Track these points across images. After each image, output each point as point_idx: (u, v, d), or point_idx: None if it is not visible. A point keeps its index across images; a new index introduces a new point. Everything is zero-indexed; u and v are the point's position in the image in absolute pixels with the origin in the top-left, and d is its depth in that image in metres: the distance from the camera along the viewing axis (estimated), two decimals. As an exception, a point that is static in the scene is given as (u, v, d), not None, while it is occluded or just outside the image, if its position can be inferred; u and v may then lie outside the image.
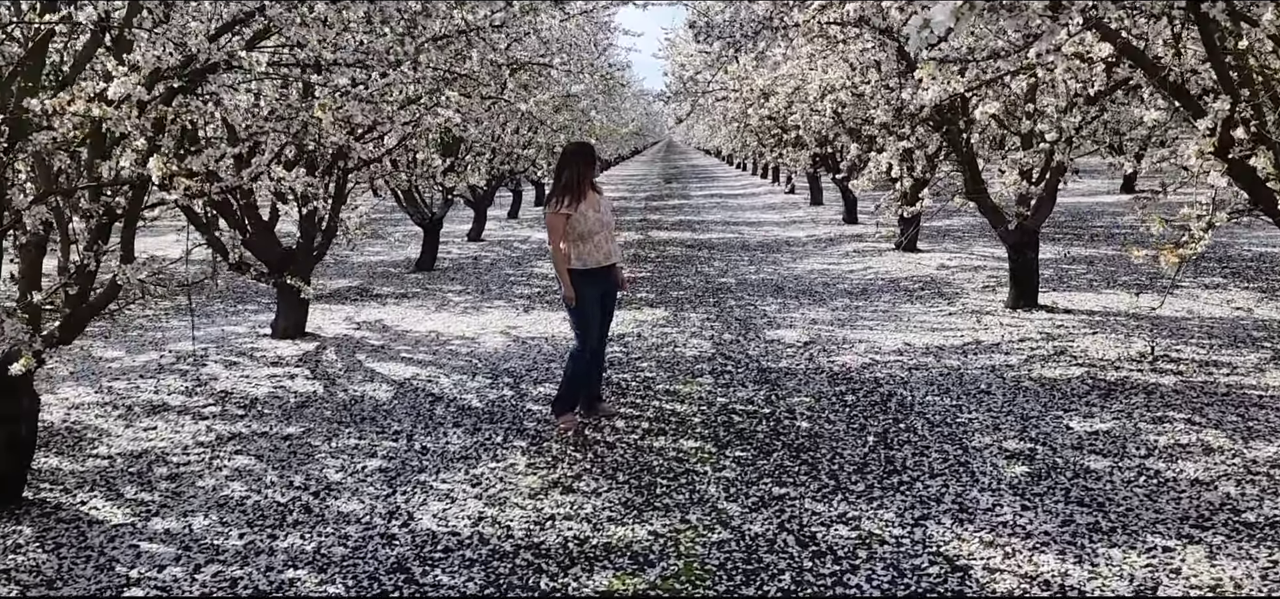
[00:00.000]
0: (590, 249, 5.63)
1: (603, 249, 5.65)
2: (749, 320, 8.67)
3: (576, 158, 5.68)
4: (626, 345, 7.80)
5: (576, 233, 5.61)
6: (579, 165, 5.64)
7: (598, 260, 5.65)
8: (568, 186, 5.66)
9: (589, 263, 5.64)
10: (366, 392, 6.61)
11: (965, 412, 5.71)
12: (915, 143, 7.49)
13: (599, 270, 5.66)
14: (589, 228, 5.60)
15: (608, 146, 32.64)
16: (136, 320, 9.57)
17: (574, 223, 5.60)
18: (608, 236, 5.68)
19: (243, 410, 6.22)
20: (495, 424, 5.80)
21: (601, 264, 5.66)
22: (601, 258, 5.66)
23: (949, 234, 14.37)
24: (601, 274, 5.68)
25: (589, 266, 5.64)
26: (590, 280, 5.65)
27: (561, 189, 5.69)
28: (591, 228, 5.61)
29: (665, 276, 11.59)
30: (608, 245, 5.68)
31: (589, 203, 5.64)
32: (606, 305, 5.81)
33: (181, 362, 7.69)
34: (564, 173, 5.69)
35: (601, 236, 5.65)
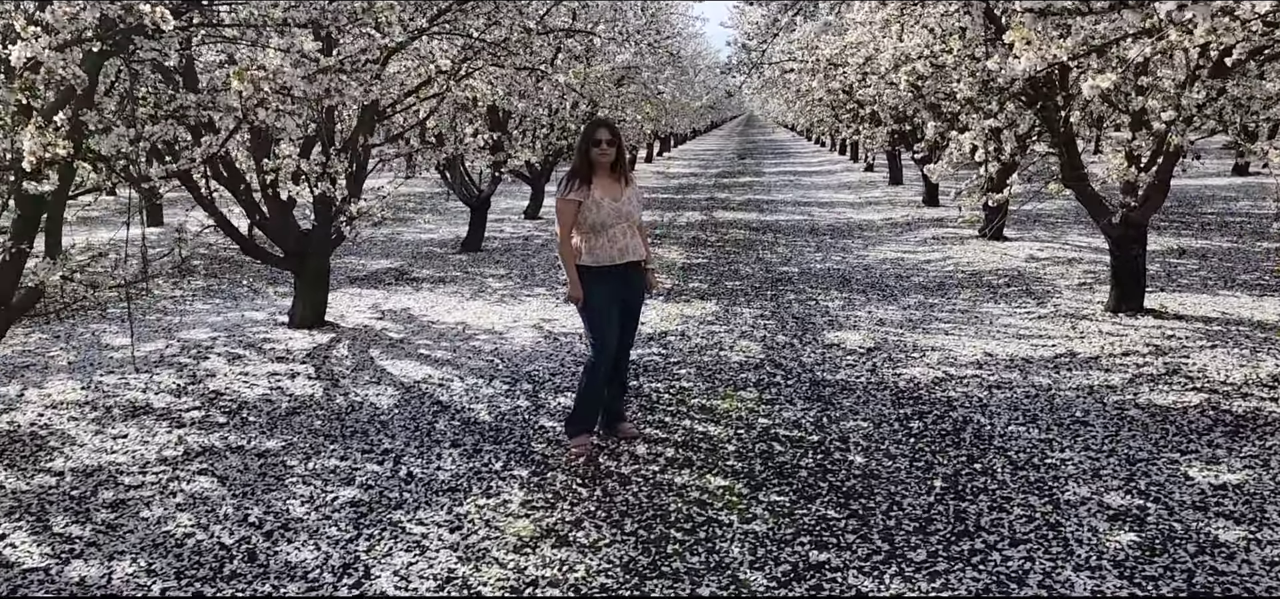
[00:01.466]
0: (603, 244, 4.81)
1: (619, 244, 4.82)
2: (808, 319, 7.75)
3: (587, 137, 4.84)
4: (667, 346, 6.96)
5: (587, 224, 4.80)
6: (589, 146, 4.81)
7: (611, 257, 4.83)
8: (578, 170, 4.85)
9: (601, 259, 4.82)
10: (368, 397, 5.90)
11: (1057, 449, 4.73)
12: (1005, 121, 6.44)
13: (613, 269, 4.83)
14: (602, 219, 4.77)
15: (679, 120, 31.72)
16: (161, 301, 9.06)
17: (585, 212, 4.79)
18: (627, 231, 4.84)
19: (227, 417, 5.55)
20: (499, 445, 5.02)
21: (616, 262, 4.83)
22: (615, 254, 4.83)
23: (1040, 219, 13.15)
24: (617, 274, 4.85)
25: (601, 264, 4.82)
26: (601, 279, 4.84)
27: (573, 172, 4.89)
28: (605, 219, 4.78)
29: (722, 264, 10.68)
30: (626, 240, 4.84)
31: (605, 189, 4.81)
32: (628, 311, 4.97)
33: (186, 352, 7.10)
34: (579, 154, 4.89)
35: (619, 230, 4.82)
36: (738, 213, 16.05)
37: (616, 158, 4.85)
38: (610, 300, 4.85)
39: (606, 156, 4.81)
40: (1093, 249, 10.71)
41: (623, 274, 4.86)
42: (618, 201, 4.81)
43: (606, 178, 4.84)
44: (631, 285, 4.92)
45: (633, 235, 4.87)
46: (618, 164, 4.86)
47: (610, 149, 4.81)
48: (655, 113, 22.15)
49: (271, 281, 9.92)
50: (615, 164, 4.85)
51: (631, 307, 4.98)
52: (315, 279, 7.81)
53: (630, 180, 4.93)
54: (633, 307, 4.99)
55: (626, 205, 4.83)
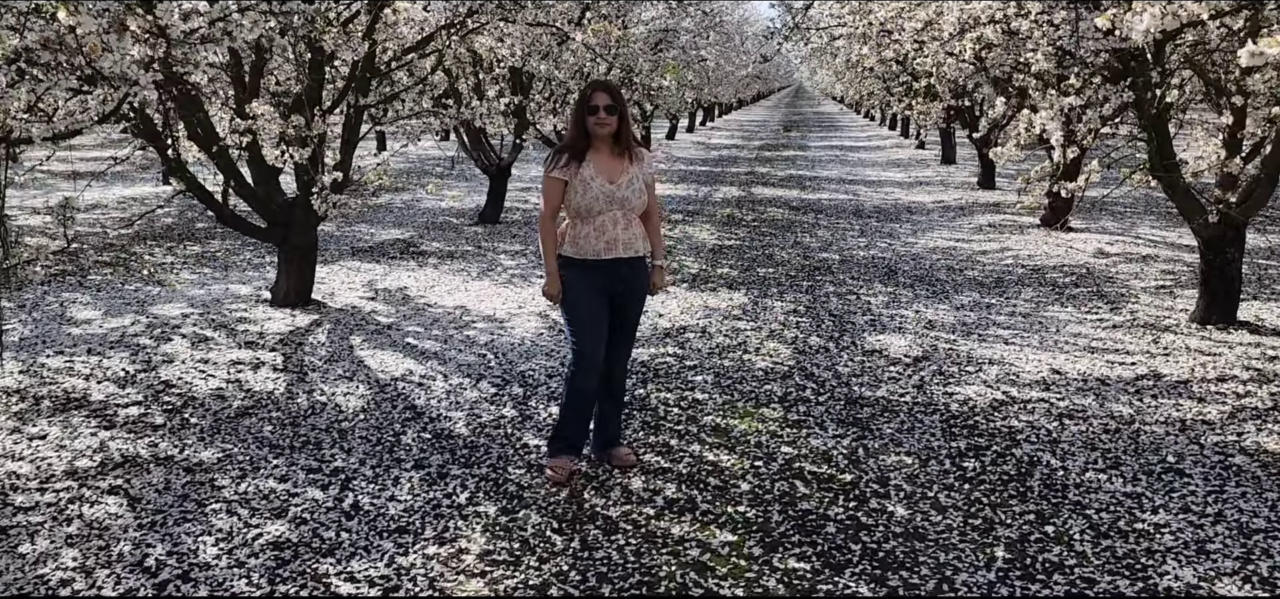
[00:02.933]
0: (588, 233, 4.00)
1: (608, 235, 3.99)
2: (847, 317, 6.85)
3: (582, 102, 4.01)
4: (684, 345, 6.11)
5: (573, 207, 4.00)
6: (584, 113, 3.97)
7: (595, 250, 4.01)
8: (571, 142, 4.02)
9: (584, 250, 4.02)
10: (335, 397, 5.13)
11: (1148, 507, 3.83)
12: (1086, 99, 5.48)
13: (599, 264, 4.02)
14: (589, 202, 3.96)
15: (723, 89, 30.66)
16: (147, 270, 8.38)
17: (572, 193, 3.98)
18: (621, 220, 4.01)
19: (167, 416, 4.81)
20: (469, 469, 4.22)
21: (601, 256, 4.01)
22: (602, 247, 4.01)
23: (1106, 207, 12.07)
24: (604, 270, 4.03)
25: (584, 256, 4.02)
26: (583, 275, 4.03)
27: (564, 144, 4.07)
28: (593, 203, 3.96)
29: (757, 247, 9.78)
30: (617, 231, 4.00)
31: (601, 167, 3.98)
32: (621, 314, 4.14)
33: (152, 330, 6.38)
34: (573, 122, 4.07)
35: (608, 218, 3.99)
36: (778, 189, 15.09)
37: (619, 129, 4.00)
38: (593, 300, 4.04)
39: (605, 127, 3.96)
40: (1169, 245, 9.67)
41: (610, 270, 4.03)
42: (613, 184, 3.97)
43: (606, 154, 4.01)
44: (625, 284, 4.08)
45: (629, 226, 4.02)
46: (621, 137, 4.01)
47: (610, 118, 3.95)
48: (696, 80, 21.19)
49: (270, 252, 9.20)
50: (618, 137, 4.00)
51: (625, 311, 4.15)
52: (300, 254, 7.05)
53: (638, 158, 4.08)
54: (627, 311, 4.15)
55: (624, 189, 3.98)
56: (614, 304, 4.09)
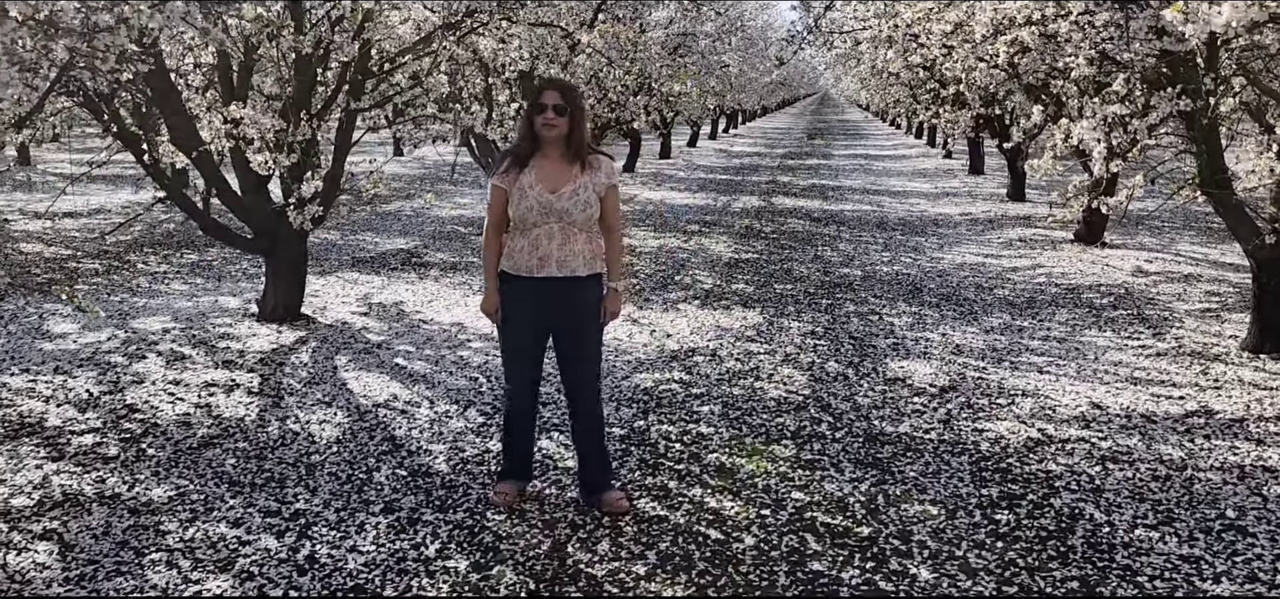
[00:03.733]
0: (522, 246, 3.64)
1: (541, 251, 3.62)
2: (868, 340, 6.39)
3: (530, 102, 3.65)
4: (691, 369, 5.68)
5: (511, 217, 3.63)
6: (531, 114, 3.60)
7: (528, 265, 3.64)
8: (516, 146, 3.69)
9: (517, 265, 3.66)
10: (309, 425, 4.73)
11: (1208, 573, 3.36)
12: (1130, 109, 4.99)
13: (532, 282, 3.64)
14: (523, 213, 3.60)
15: (746, 96, 30.17)
16: (137, 279, 8.05)
17: (512, 202, 3.60)
18: (557, 235, 3.62)
19: (123, 446, 4.43)
20: (443, 512, 3.80)
21: (533, 273, 3.63)
22: (534, 263, 3.63)
23: (1142, 220, 11.53)
24: (536, 288, 3.64)
25: (517, 271, 3.65)
26: (516, 291, 3.66)
27: (511, 148, 3.74)
28: (528, 215, 3.59)
29: (774, 262, 9.33)
30: (550, 247, 3.62)
31: (544, 175, 3.61)
32: (564, 342, 3.76)
33: (128, 346, 6.02)
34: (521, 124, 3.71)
35: (544, 232, 3.61)
36: (799, 200, 14.63)
37: (570, 132, 3.59)
38: (522, 321, 3.69)
39: (553, 129, 3.57)
40: (1211, 263, 9.13)
41: (542, 290, 3.63)
42: (553, 194, 3.58)
43: (554, 159, 3.63)
44: (560, 308, 3.68)
45: (568, 241, 3.62)
46: (572, 141, 3.61)
47: (559, 120, 3.57)
48: (718, 86, 20.72)
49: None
50: (569, 141, 3.60)
51: (567, 338, 3.75)
52: (288, 266, 6.67)
53: (591, 166, 3.66)
54: (569, 339, 3.75)
55: (564, 200, 3.59)
56: (555, 331, 3.70)
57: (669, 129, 22.04)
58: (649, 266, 8.91)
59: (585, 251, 3.65)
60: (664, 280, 8.29)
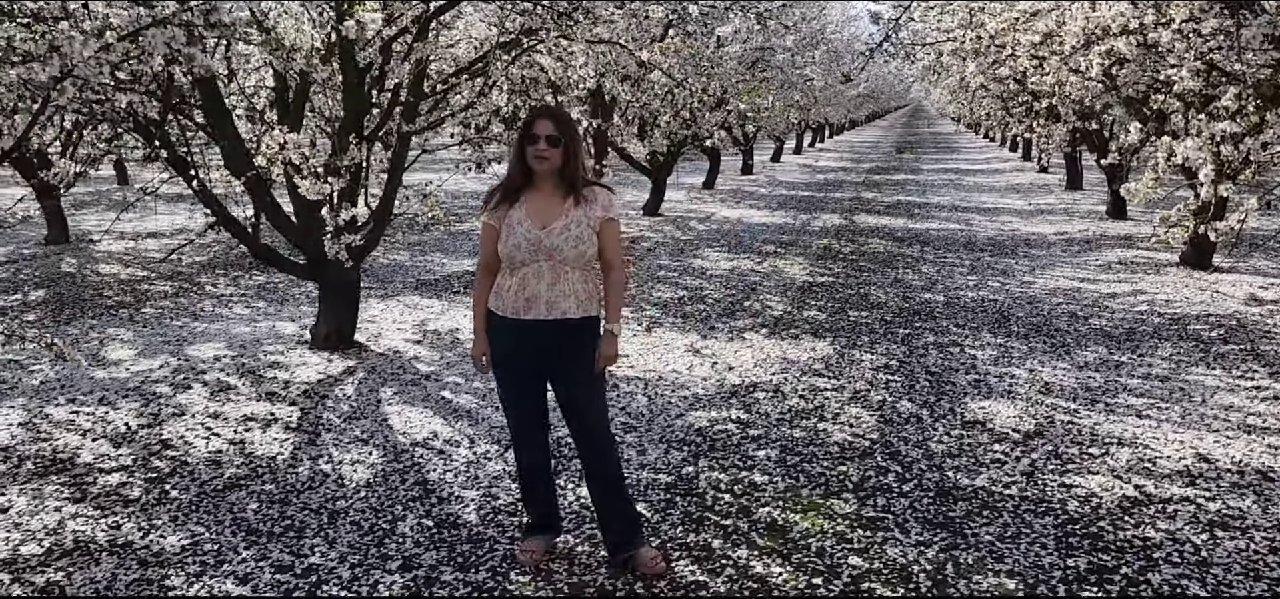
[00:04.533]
0: (511, 286, 3.34)
1: (528, 292, 3.31)
2: (946, 376, 5.91)
3: (522, 130, 3.36)
4: (750, 407, 5.29)
5: (502, 256, 3.34)
6: (523, 144, 3.30)
7: (515, 307, 3.33)
8: (508, 179, 3.40)
9: (504, 305, 3.36)
10: (341, 466, 4.50)
11: (1339, 676, 2.85)
12: (1247, 126, 4.46)
13: (519, 325, 3.33)
14: (510, 250, 3.31)
15: (832, 110, 29.54)
16: (203, 301, 8.01)
17: (502, 238, 3.32)
18: (547, 274, 3.30)
19: (148, 486, 4.26)
20: (465, 571, 3.51)
21: (520, 315, 3.33)
22: (521, 304, 3.32)
23: (1257, 241, 10.68)
24: (524, 332, 3.33)
25: (504, 312, 3.35)
26: (504, 334, 3.37)
27: (504, 181, 3.43)
28: (516, 252, 3.30)
29: (851, 286, 8.86)
30: (538, 287, 3.31)
31: (535, 209, 3.32)
32: (558, 390, 3.45)
33: (179, 374, 5.91)
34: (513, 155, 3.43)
35: (531, 271, 3.31)
36: (883, 218, 14.06)
37: (564, 164, 3.28)
38: (514, 367, 3.40)
39: (545, 162, 3.28)
40: (1336, 290, 8.35)
41: (530, 333, 3.32)
42: (543, 230, 3.27)
43: (547, 192, 3.33)
44: (549, 353, 3.36)
45: (558, 281, 3.30)
46: (566, 174, 3.29)
47: (551, 150, 3.27)
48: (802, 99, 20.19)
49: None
50: (562, 173, 3.28)
51: (560, 387, 3.44)
52: (339, 293, 6.50)
53: (587, 199, 3.34)
54: (562, 388, 3.44)
55: (554, 236, 3.27)
56: (550, 378, 3.40)
57: (750, 144, 21.63)
58: (717, 291, 8.54)
59: (578, 292, 3.32)
60: (731, 306, 7.92)
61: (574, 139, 3.28)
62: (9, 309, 7.89)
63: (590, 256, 3.31)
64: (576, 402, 3.40)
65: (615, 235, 3.38)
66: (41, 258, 10.49)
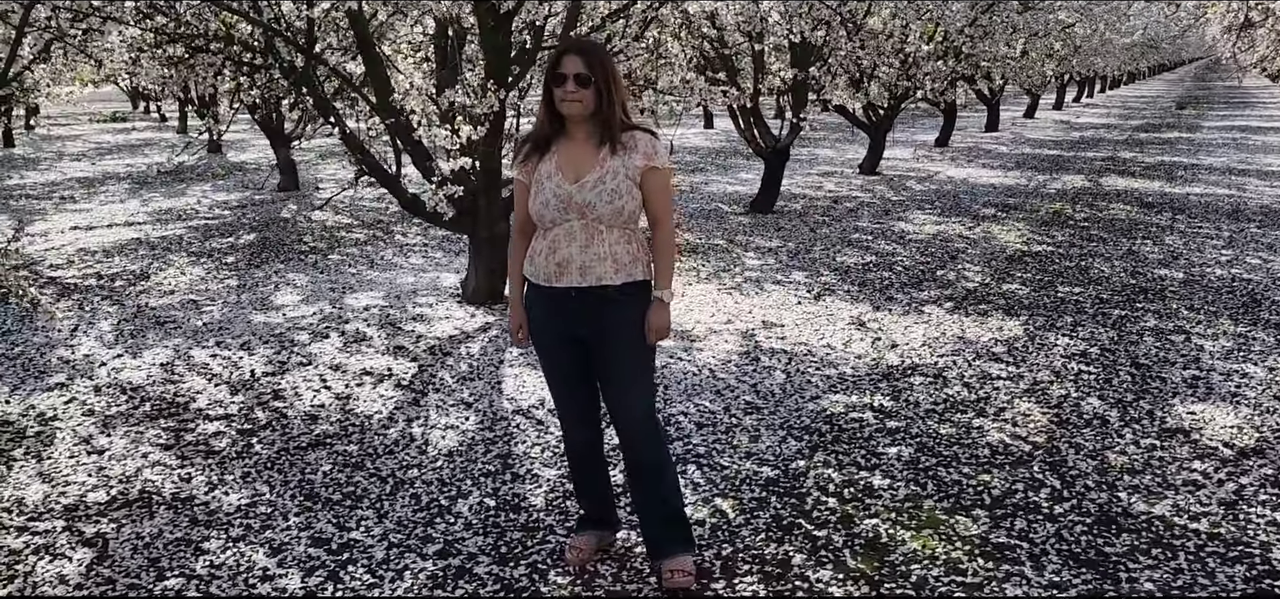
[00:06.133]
0: (541, 248, 2.87)
1: (559, 254, 2.82)
2: (1157, 370, 4.91)
3: (547, 70, 2.83)
4: (900, 393, 4.59)
5: (533, 215, 2.88)
6: (550, 84, 2.80)
7: (546, 273, 2.85)
8: (537, 127, 2.92)
9: (537, 272, 2.88)
10: (432, 432, 4.26)
11: None
12: None
13: (552, 293, 2.85)
14: (539, 208, 2.84)
15: (1102, 60, 26.72)
16: (385, 251, 8.14)
17: (531, 195, 2.86)
18: (577, 233, 2.81)
19: (234, 441, 4.19)
20: (504, 565, 3.13)
21: (552, 282, 2.84)
22: (552, 269, 2.83)
23: None
24: (557, 301, 2.86)
25: (536, 280, 2.88)
26: (538, 302, 2.91)
27: (532, 130, 2.95)
28: (545, 210, 2.82)
29: (1072, 256, 7.73)
30: (569, 250, 2.81)
31: (567, 159, 2.83)
32: (597, 364, 2.93)
33: (326, 321, 5.95)
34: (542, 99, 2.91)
35: (562, 231, 2.82)
36: (1135, 180, 12.41)
37: (598, 107, 2.74)
38: (550, 340, 2.94)
39: (575, 103, 2.76)
40: None
41: (562, 302, 2.84)
42: (576, 183, 2.78)
43: (581, 142, 2.84)
44: (587, 324, 2.85)
45: (592, 242, 2.79)
46: (599, 117, 2.76)
47: (581, 91, 2.75)
48: (1062, 48, 18.25)
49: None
50: (596, 117, 2.76)
51: (598, 361, 2.92)
52: (489, 245, 6.31)
53: (624, 146, 2.80)
54: (600, 362, 2.91)
55: (587, 191, 2.77)
56: (589, 349, 2.90)
57: (996, 99, 19.91)
58: (911, 258, 7.70)
59: (618, 253, 2.80)
60: (920, 276, 7.08)
61: (609, 76, 2.76)
62: (217, 250, 8.34)
63: (631, 212, 2.80)
64: (617, 380, 2.91)
65: (662, 185, 2.84)
66: (267, 204, 11.13)
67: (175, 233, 9.23)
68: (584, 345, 2.90)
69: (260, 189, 12.13)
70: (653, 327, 2.84)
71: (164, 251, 8.29)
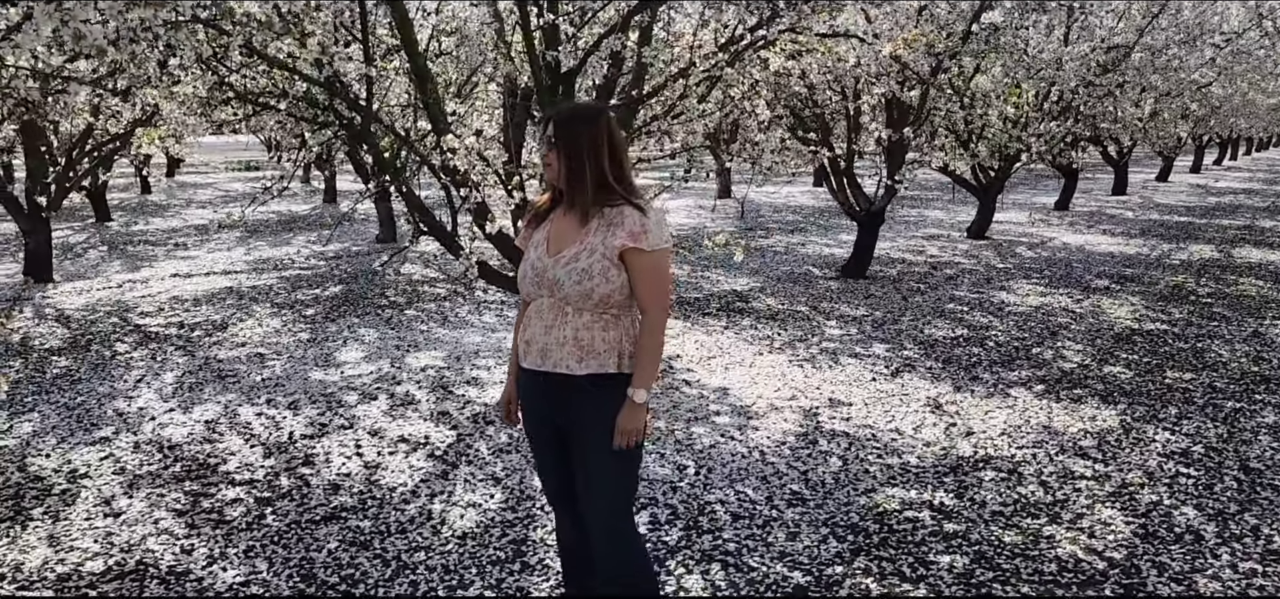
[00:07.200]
0: (524, 327, 2.65)
1: (529, 331, 2.62)
2: (1269, 476, 4.33)
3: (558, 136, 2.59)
4: (966, 490, 4.15)
5: (518, 282, 2.68)
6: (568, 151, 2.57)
7: (521, 348, 2.65)
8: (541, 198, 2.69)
9: (524, 353, 2.64)
10: (453, 508, 4.05)
11: None
12: None
13: (536, 377, 2.62)
14: (520, 280, 2.65)
15: (1244, 121, 25.16)
16: (462, 307, 8.07)
17: (521, 262, 2.67)
18: (547, 313, 2.58)
19: (249, 509, 4.06)
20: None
21: (522, 360, 2.65)
22: (523, 345, 2.63)
23: None
24: (538, 382, 2.62)
25: (525, 363, 2.64)
26: (523, 381, 2.70)
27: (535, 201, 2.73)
28: (524, 282, 2.63)
29: (1188, 337, 7.06)
30: (538, 329, 2.59)
31: (555, 230, 2.61)
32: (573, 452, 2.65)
33: (381, 381, 5.84)
34: None
35: (535, 308, 2.61)
36: (1272, 252, 11.45)
37: (568, 176, 2.51)
38: (533, 419, 2.71)
39: (547, 168, 2.59)
40: None
41: (531, 386, 2.63)
42: (556, 255, 2.54)
43: (569, 208, 2.55)
44: (559, 410, 2.61)
45: (560, 323, 2.55)
46: (571, 187, 2.54)
47: (551, 155, 2.57)
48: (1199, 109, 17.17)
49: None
50: (569, 186, 2.54)
51: (573, 449, 2.64)
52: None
53: (607, 220, 2.54)
54: (574, 451, 2.64)
55: (558, 267, 2.52)
56: (557, 431, 2.67)
57: (1124, 160, 18.90)
58: (1006, 333, 7.16)
59: (583, 339, 2.52)
60: (1013, 354, 6.55)
61: (576, 142, 2.51)
62: (301, 302, 8.42)
63: (603, 296, 2.52)
64: (583, 479, 2.63)
65: (648, 269, 2.55)
66: (363, 255, 11.28)
67: (267, 283, 9.40)
68: (562, 430, 2.64)
69: (360, 240, 12.32)
70: (620, 429, 2.54)
71: (250, 301, 8.42)
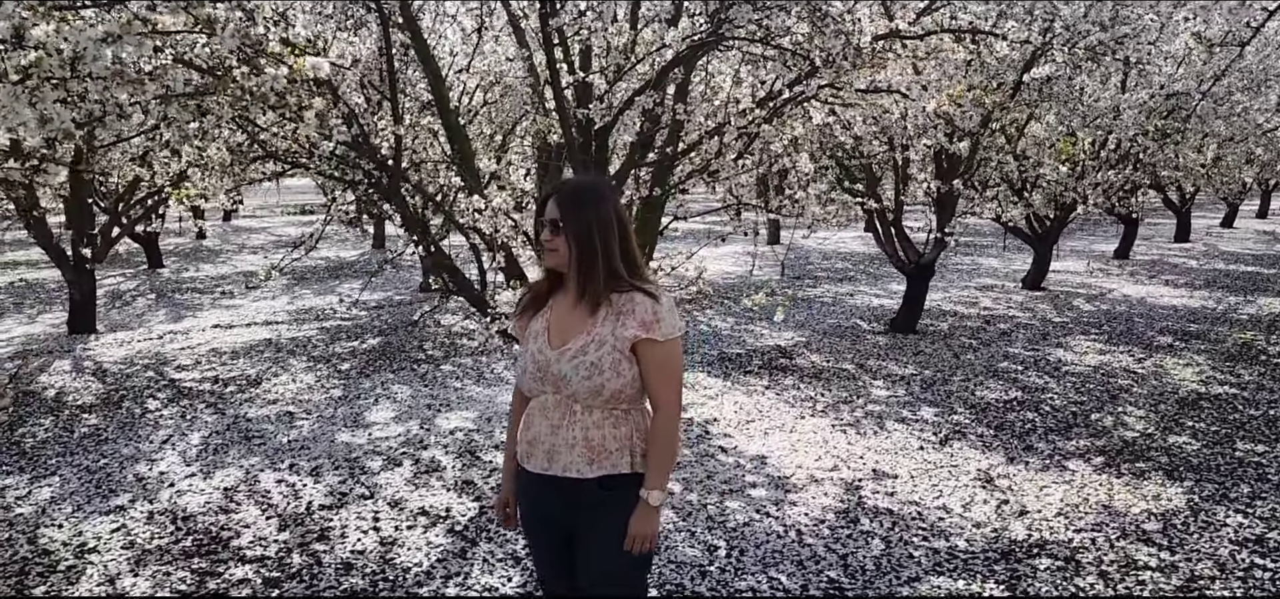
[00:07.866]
0: (524, 421, 2.46)
1: (533, 430, 2.42)
2: (1356, 571, 3.96)
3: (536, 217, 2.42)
4: (1020, 578, 3.84)
5: (516, 377, 2.50)
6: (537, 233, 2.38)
7: (523, 449, 2.45)
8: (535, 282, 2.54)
9: (527, 455, 2.43)
10: (468, 592, 3.84)
11: None
12: None
13: (524, 476, 2.46)
14: (520, 375, 2.45)
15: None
16: (499, 363, 7.91)
17: (519, 354, 2.48)
18: (552, 410, 2.37)
19: (251, 594, 3.89)
20: None
21: (524, 462, 2.44)
22: (525, 446, 2.43)
23: None
24: (533, 485, 2.44)
25: (529, 466, 2.43)
26: (523, 482, 2.48)
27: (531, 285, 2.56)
28: (524, 376, 2.43)
29: (1259, 403, 6.64)
30: (543, 428, 2.39)
31: (556, 318, 2.41)
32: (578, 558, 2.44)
33: (408, 443, 5.67)
34: None
35: (539, 405, 2.41)
36: (1349, 305, 10.89)
37: (578, 260, 2.31)
38: (533, 522, 2.50)
39: (551, 252, 2.37)
40: None
41: (533, 489, 2.43)
42: (558, 349, 2.34)
43: (573, 298, 2.38)
44: (565, 514, 2.40)
45: (567, 423, 2.35)
46: (582, 273, 2.33)
47: (556, 238, 2.36)
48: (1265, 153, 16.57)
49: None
50: (579, 271, 2.34)
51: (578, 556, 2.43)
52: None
53: (621, 311, 2.34)
54: (580, 558, 2.43)
55: (564, 361, 2.32)
56: (561, 532, 2.45)
57: (1186, 207, 18.29)
58: (1063, 396, 6.80)
59: (593, 439, 2.33)
60: (1070, 420, 6.20)
61: (585, 223, 2.31)
62: (337, 355, 8.32)
63: (615, 391, 2.32)
64: (591, 589, 2.40)
65: (662, 361, 2.34)
66: (404, 305, 11.20)
67: (306, 334, 9.32)
68: (562, 542, 2.43)
69: (404, 289, 12.26)
70: (633, 534, 2.32)
71: (288, 355, 8.33)
